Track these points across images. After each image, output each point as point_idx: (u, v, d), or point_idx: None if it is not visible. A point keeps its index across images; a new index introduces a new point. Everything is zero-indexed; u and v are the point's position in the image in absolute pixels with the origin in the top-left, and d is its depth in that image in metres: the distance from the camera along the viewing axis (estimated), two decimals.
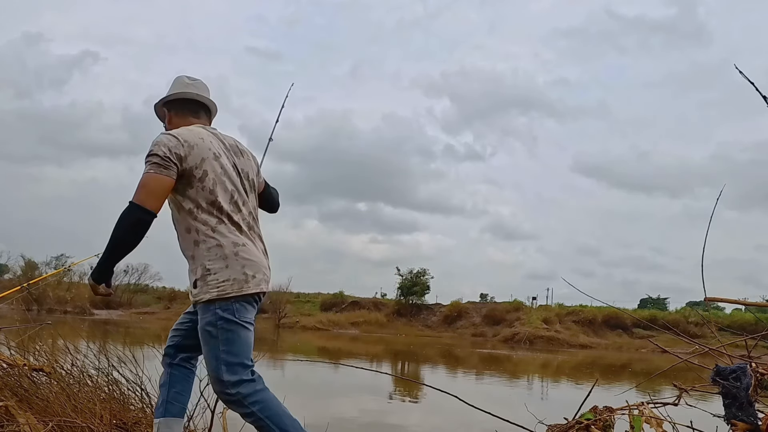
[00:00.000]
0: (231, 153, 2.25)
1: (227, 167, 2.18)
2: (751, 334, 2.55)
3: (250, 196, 2.28)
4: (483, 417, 2.71)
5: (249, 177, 2.30)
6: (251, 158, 2.38)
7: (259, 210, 2.44)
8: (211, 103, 2.39)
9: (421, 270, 38.16)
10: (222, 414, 3.13)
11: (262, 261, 2.22)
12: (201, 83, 2.41)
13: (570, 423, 2.51)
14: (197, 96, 2.34)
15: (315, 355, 18.63)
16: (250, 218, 2.25)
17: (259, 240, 2.29)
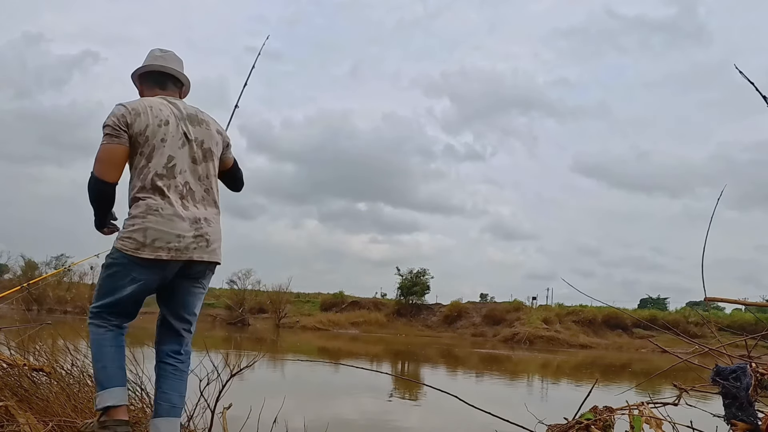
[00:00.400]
0: (185, 122, 2.29)
1: (171, 135, 2.23)
2: (751, 334, 2.55)
3: (202, 164, 2.29)
4: (483, 417, 2.70)
5: (204, 145, 2.31)
6: (213, 129, 2.39)
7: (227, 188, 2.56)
8: (180, 75, 2.45)
9: (421, 270, 38.19)
10: (222, 414, 3.13)
11: (176, 229, 2.16)
12: (171, 55, 2.47)
13: (570, 423, 2.51)
14: (162, 67, 2.41)
15: (315, 355, 18.63)
16: (191, 185, 2.25)
17: (200, 207, 2.25)
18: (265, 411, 3.14)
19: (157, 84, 2.42)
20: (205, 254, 2.23)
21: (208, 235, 2.23)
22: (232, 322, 34.65)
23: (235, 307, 36.15)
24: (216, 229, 2.30)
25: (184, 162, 2.25)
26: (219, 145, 2.40)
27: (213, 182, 2.33)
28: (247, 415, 3.18)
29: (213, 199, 2.31)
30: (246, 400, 3.22)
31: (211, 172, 2.32)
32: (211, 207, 2.30)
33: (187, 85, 2.51)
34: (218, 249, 2.30)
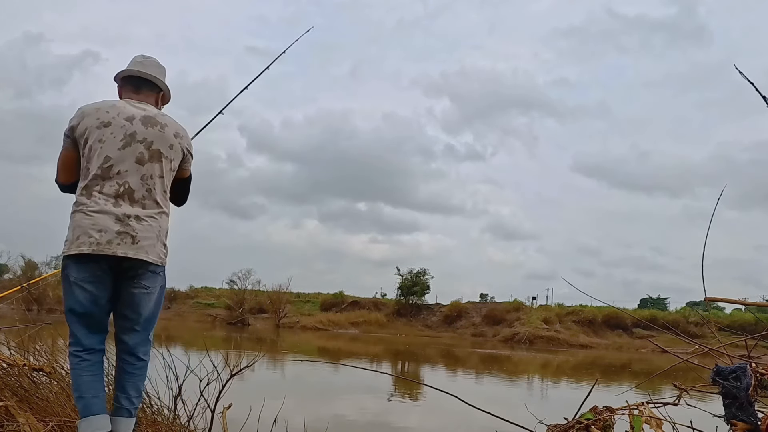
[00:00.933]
0: (137, 123, 2.34)
1: (111, 135, 2.29)
2: (751, 334, 2.55)
3: (147, 164, 2.31)
4: (483, 417, 2.71)
5: (152, 146, 2.34)
6: (170, 133, 2.39)
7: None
8: (156, 80, 2.52)
9: (421, 270, 38.20)
10: (222, 414, 3.13)
11: (98, 224, 2.21)
12: (151, 62, 2.55)
13: (570, 423, 2.52)
14: (139, 72, 2.49)
15: (315, 355, 18.63)
16: (130, 185, 2.28)
17: (135, 206, 2.27)
18: (265, 411, 3.14)
19: (133, 88, 2.50)
20: (130, 251, 2.22)
21: (135, 231, 2.24)
22: (232, 322, 34.66)
23: (235, 307, 36.15)
24: (149, 227, 2.29)
25: (126, 162, 2.29)
26: (175, 149, 2.40)
27: (158, 183, 2.34)
28: (247, 415, 3.18)
29: (155, 199, 2.32)
30: (246, 400, 3.22)
31: (156, 173, 2.33)
32: (151, 206, 2.31)
33: (165, 90, 2.57)
34: (150, 247, 2.27)
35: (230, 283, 39.39)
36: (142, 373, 2.36)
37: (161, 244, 2.34)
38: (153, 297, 2.37)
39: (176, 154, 2.41)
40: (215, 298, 39.95)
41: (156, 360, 3.24)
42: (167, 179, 2.38)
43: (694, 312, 27.53)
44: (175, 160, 2.41)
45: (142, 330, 2.37)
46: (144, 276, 2.30)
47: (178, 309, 39.16)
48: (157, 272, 2.35)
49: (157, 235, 2.31)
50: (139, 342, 2.36)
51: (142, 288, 2.31)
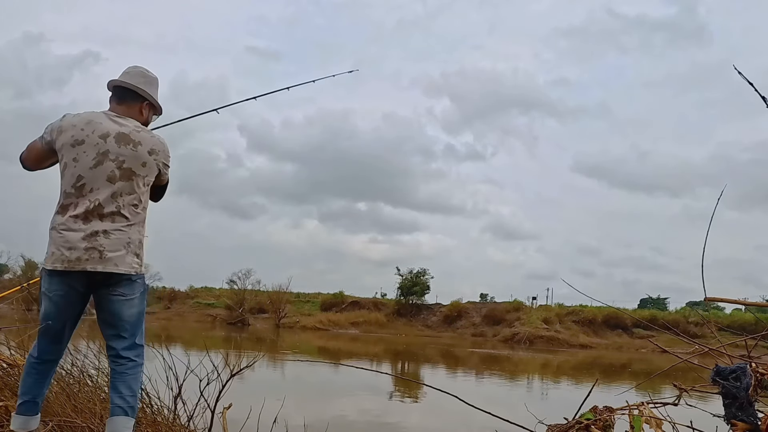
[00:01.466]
0: (110, 140, 2.40)
1: (84, 155, 2.38)
2: (751, 334, 2.55)
3: (119, 182, 2.39)
4: (483, 417, 2.71)
5: (124, 165, 2.40)
6: (144, 151, 2.45)
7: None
8: (137, 88, 2.56)
9: (421, 270, 38.20)
10: (222, 414, 3.13)
11: (68, 242, 2.32)
12: (136, 71, 2.60)
13: (570, 423, 2.52)
14: (122, 83, 2.55)
15: (315, 355, 18.63)
16: (101, 202, 2.36)
17: (105, 221, 2.36)
18: (265, 411, 3.14)
19: (117, 99, 2.56)
20: (99, 265, 2.32)
21: (103, 247, 2.33)
22: (232, 322, 34.67)
23: (235, 307, 36.16)
24: (117, 240, 2.37)
25: (98, 180, 2.37)
26: (149, 166, 2.47)
27: (127, 199, 2.41)
28: (247, 415, 3.18)
29: (124, 214, 2.40)
30: (246, 400, 3.22)
31: (126, 191, 2.40)
32: (120, 221, 2.39)
33: (151, 100, 2.61)
34: (119, 259, 2.36)
35: (230, 283, 39.45)
36: (133, 373, 2.41)
37: (132, 254, 2.41)
38: (133, 303, 2.44)
39: (150, 170, 2.48)
40: (215, 298, 39.95)
41: (156, 360, 3.24)
42: (140, 194, 2.45)
43: (694, 312, 27.53)
44: (149, 176, 2.48)
45: (129, 336, 2.43)
46: (119, 284, 2.39)
47: (178, 309, 39.17)
48: (133, 279, 2.43)
49: (125, 246, 2.38)
50: (126, 347, 2.42)
51: (120, 295, 2.40)
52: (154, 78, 2.65)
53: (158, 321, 32.22)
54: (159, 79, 2.67)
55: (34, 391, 2.44)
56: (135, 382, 2.41)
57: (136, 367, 2.42)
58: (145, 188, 2.48)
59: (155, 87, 2.64)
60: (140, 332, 2.48)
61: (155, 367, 3.22)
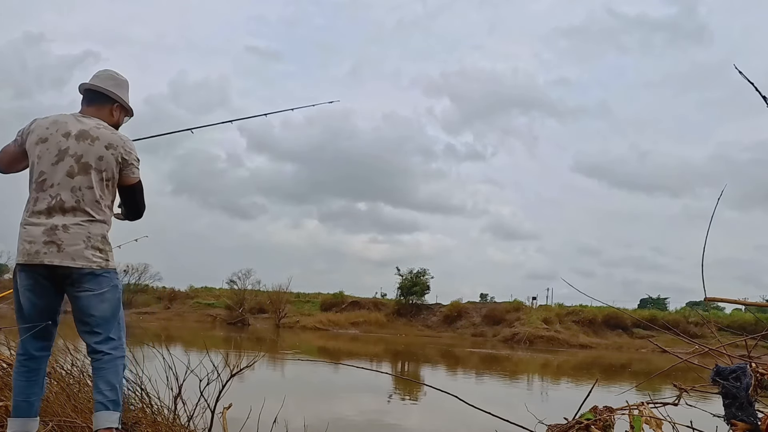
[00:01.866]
0: (71, 138, 2.47)
1: (46, 152, 2.46)
2: (751, 334, 2.55)
3: (77, 176, 2.43)
4: (483, 417, 2.71)
5: (82, 160, 2.45)
6: (101, 145, 2.48)
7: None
8: (106, 90, 2.63)
9: (421, 270, 38.20)
10: (222, 414, 3.13)
11: (29, 236, 2.39)
12: (106, 74, 2.68)
13: (570, 423, 2.52)
14: (88, 84, 2.64)
15: (315, 354, 18.63)
16: (62, 197, 2.41)
17: (67, 215, 2.40)
18: (265, 411, 3.14)
19: (86, 101, 2.65)
20: (56, 258, 2.34)
21: (61, 240, 2.37)
22: (232, 322, 34.67)
23: (235, 307, 36.16)
24: (75, 234, 2.39)
25: (58, 176, 2.43)
26: (106, 160, 2.49)
27: (87, 193, 2.44)
28: (247, 415, 3.18)
29: (84, 209, 2.43)
30: (246, 400, 3.22)
31: (84, 185, 2.44)
32: (80, 215, 2.42)
33: (121, 102, 2.68)
34: (77, 253, 2.37)
35: (230, 283, 39.46)
36: (110, 367, 2.41)
37: (93, 249, 2.41)
38: (103, 298, 2.43)
39: (107, 164, 2.50)
40: (215, 298, 39.95)
41: (156, 360, 3.24)
42: (98, 189, 2.47)
43: (694, 312, 27.52)
44: (107, 171, 2.50)
45: (103, 331, 2.43)
46: (84, 280, 2.40)
47: (178, 309, 39.16)
48: (98, 274, 2.42)
49: (85, 241, 2.40)
50: (99, 341, 2.43)
51: (86, 290, 2.40)
52: (124, 81, 2.73)
53: (158, 321, 32.22)
54: (129, 82, 2.75)
55: (25, 392, 2.44)
56: (114, 375, 2.41)
57: (112, 360, 2.43)
58: (106, 183, 2.50)
59: (125, 89, 2.72)
60: (115, 327, 2.48)
61: (155, 367, 3.23)
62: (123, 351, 2.50)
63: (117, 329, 2.49)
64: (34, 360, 2.49)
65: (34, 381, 2.47)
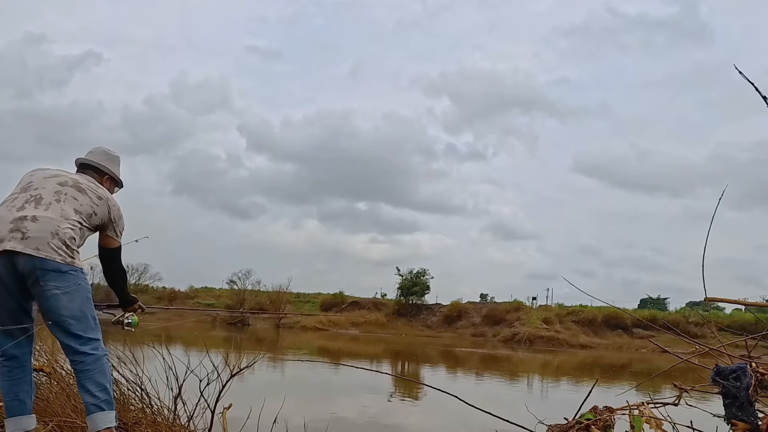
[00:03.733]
0: (66, 175, 2.63)
1: (41, 174, 2.60)
2: (751, 334, 2.55)
3: (67, 187, 2.54)
4: (483, 417, 2.70)
5: (79, 185, 2.59)
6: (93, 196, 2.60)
7: None
8: (101, 165, 2.84)
9: (421, 270, 38.18)
10: (222, 414, 3.13)
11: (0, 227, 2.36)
12: (99, 150, 2.90)
13: (570, 423, 2.51)
14: (83, 159, 2.85)
15: (315, 355, 18.62)
16: (42, 195, 2.46)
17: (39, 208, 2.41)
18: (265, 411, 3.14)
19: (80, 171, 2.82)
20: (19, 245, 2.27)
21: (26, 229, 2.32)
22: (232, 322, 34.68)
23: (235, 307, 36.16)
24: (44, 224, 2.35)
25: (47, 183, 2.52)
26: (102, 204, 2.62)
27: (71, 200, 2.49)
28: (247, 416, 3.18)
29: (60, 207, 2.44)
30: (246, 400, 3.23)
31: (71, 194, 2.52)
32: (53, 211, 2.41)
33: (111, 174, 2.88)
34: (42, 243, 2.30)
35: (230, 283, 39.49)
36: (96, 367, 2.36)
37: (59, 242, 2.35)
38: (71, 296, 2.35)
39: (100, 207, 2.60)
40: (215, 298, 39.97)
41: (156, 360, 3.25)
42: (84, 209, 2.53)
43: (694, 312, 27.54)
44: (98, 208, 2.59)
45: (78, 330, 2.37)
46: (48, 276, 2.31)
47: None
48: (63, 270, 2.34)
49: (52, 233, 2.35)
50: (76, 341, 2.36)
51: (52, 289, 2.32)
52: (116, 156, 2.92)
53: (158, 321, 32.21)
54: (120, 158, 2.95)
55: (13, 391, 2.41)
56: (101, 375, 2.36)
57: (97, 360, 2.37)
58: (91, 212, 2.55)
59: (116, 164, 2.91)
60: (89, 326, 2.41)
61: (155, 367, 3.23)
62: (105, 350, 2.45)
63: (93, 329, 2.43)
64: (15, 359, 2.42)
65: (20, 379, 2.42)
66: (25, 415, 2.42)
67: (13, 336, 2.39)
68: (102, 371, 2.38)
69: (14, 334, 2.39)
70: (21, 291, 2.36)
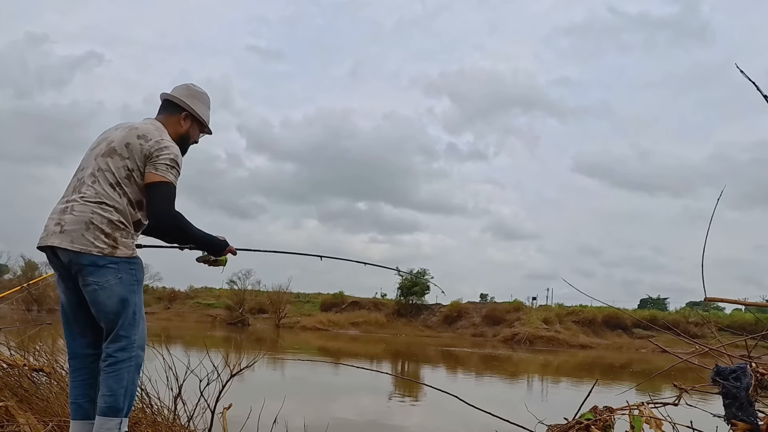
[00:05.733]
0: (113, 129, 2.46)
1: (92, 145, 2.43)
2: (751, 334, 2.55)
3: (100, 158, 2.34)
4: (483, 417, 2.71)
5: (110, 145, 2.36)
6: (133, 134, 2.35)
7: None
8: (174, 97, 2.56)
9: (421, 270, 38.12)
10: (222, 414, 3.13)
11: (48, 219, 2.30)
12: (182, 85, 2.62)
13: (570, 423, 2.51)
14: (164, 94, 2.59)
15: (315, 355, 18.62)
16: (84, 179, 2.32)
17: (81, 193, 2.27)
18: (265, 411, 3.14)
19: (159, 109, 2.59)
20: (56, 239, 2.20)
21: (65, 221, 2.23)
22: (232, 322, 34.66)
23: (235, 307, 36.15)
24: (79, 214, 2.23)
25: (90, 159, 2.37)
26: (131, 148, 2.32)
27: (102, 176, 2.29)
28: (247, 416, 3.18)
29: (97, 190, 2.27)
30: (246, 400, 3.23)
31: (103, 167, 2.31)
32: (90, 197, 2.26)
33: (190, 110, 2.56)
34: (76, 235, 2.19)
35: (230, 283, 39.44)
36: (111, 370, 2.23)
37: (96, 231, 2.21)
38: (108, 291, 2.22)
39: (132, 152, 2.31)
40: (215, 298, 39.95)
41: (156, 360, 3.24)
42: (117, 174, 2.29)
43: (694, 312, 27.53)
44: (130, 159, 2.30)
45: (110, 328, 2.25)
46: (85, 271, 2.21)
47: (178, 309, 39.16)
48: (101, 264, 2.20)
49: (87, 223, 2.21)
50: (107, 341, 2.26)
51: (91, 284, 2.22)
52: (200, 92, 2.61)
53: (158, 321, 32.20)
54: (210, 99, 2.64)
55: (72, 393, 2.33)
56: (115, 380, 2.23)
57: (115, 364, 2.23)
58: (128, 172, 2.29)
59: (200, 101, 2.58)
60: (124, 324, 2.25)
61: (155, 367, 3.22)
62: (131, 352, 2.26)
63: (129, 327, 2.26)
64: (80, 359, 2.33)
65: (79, 381, 2.32)
66: (77, 420, 2.30)
67: (75, 336, 2.34)
68: (117, 376, 2.23)
69: (80, 332, 2.34)
70: (77, 285, 2.27)
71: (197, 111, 2.56)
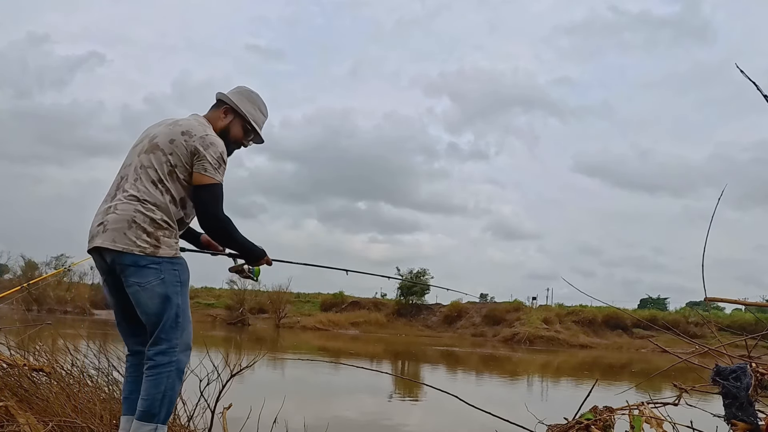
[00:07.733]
0: (156, 125, 2.42)
1: (136, 142, 2.41)
2: (751, 334, 2.55)
3: (143, 155, 2.30)
4: (483, 417, 2.71)
5: (153, 140, 2.31)
6: (177, 130, 2.31)
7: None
8: (220, 94, 2.55)
9: (421, 270, 38.11)
10: (222, 414, 3.14)
11: (93, 221, 2.29)
12: (236, 87, 2.61)
13: (570, 423, 2.52)
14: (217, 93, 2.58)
15: (315, 355, 18.62)
16: (128, 177, 2.29)
17: (125, 192, 2.24)
18: (265, 411, 3.15)
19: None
20: (99, 240, 2.19)
21: (107, 220, 2.21)
22: (232, 322, 34.65)
23: (236, 307, 36.15)
24: (121, 213, 2.20)
25: (131, 157, 2.35)
26: (175, 144, 2.27)
27: (144, 173, 2.25)
28: (247, 416, 3.18)
29: (138, 187, 2.23)
30: (246, 400, 3.23)
31: (145, 163, 2.27)
32: (132, 194, 2.22)
33: (233, 105, 2.50)
34: (117, 233, 2.16)
35: (230, 283, 39.40)
36: (151, 374, 2.18)
37: (138, 230, 2.17)
38: (150, 292, 2.18)
39: (176, 149, 2.26)
40: (215, 298, 39.93)
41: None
42: (159, 171, 2.25)
43: (694, 312, 27.53)
44: (174, 155, 2.25)
45: (152, 329, 2.22)
46: (127, 272, 2.18)
47: None
48: (142, 264, 2.16)
49: (128, 221, 2.17)
50: (150, 344, 2.23)
51: (133, 285, 2.19)
52: (250, 92, 2.55)
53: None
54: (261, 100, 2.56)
55: (125, 388, 2.38)
56: (153, 385, 2.18)
57: (154, 368, 2.18)
58: (170, 168, 2.24)
59: (246, 99, 2.51)
60: (165, 327, 2.19)
61: None
62: (171, 356, 2.20)
63: (170, 329, 2.20)
64: (135, 356, 2.36)
65: (131, 378, 2.35)
66: (125, 416, 2.31)
67: (131, 334, 2.38)
68: (155, 381, 2.18)
69: (132, 332, 2.37)
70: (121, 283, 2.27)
71: (240, 107, 2.48)
